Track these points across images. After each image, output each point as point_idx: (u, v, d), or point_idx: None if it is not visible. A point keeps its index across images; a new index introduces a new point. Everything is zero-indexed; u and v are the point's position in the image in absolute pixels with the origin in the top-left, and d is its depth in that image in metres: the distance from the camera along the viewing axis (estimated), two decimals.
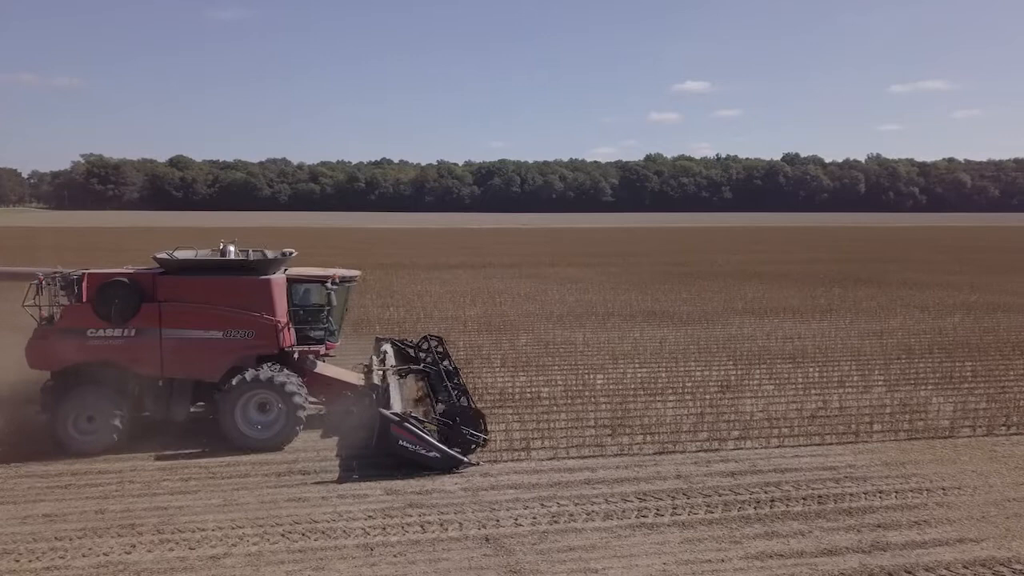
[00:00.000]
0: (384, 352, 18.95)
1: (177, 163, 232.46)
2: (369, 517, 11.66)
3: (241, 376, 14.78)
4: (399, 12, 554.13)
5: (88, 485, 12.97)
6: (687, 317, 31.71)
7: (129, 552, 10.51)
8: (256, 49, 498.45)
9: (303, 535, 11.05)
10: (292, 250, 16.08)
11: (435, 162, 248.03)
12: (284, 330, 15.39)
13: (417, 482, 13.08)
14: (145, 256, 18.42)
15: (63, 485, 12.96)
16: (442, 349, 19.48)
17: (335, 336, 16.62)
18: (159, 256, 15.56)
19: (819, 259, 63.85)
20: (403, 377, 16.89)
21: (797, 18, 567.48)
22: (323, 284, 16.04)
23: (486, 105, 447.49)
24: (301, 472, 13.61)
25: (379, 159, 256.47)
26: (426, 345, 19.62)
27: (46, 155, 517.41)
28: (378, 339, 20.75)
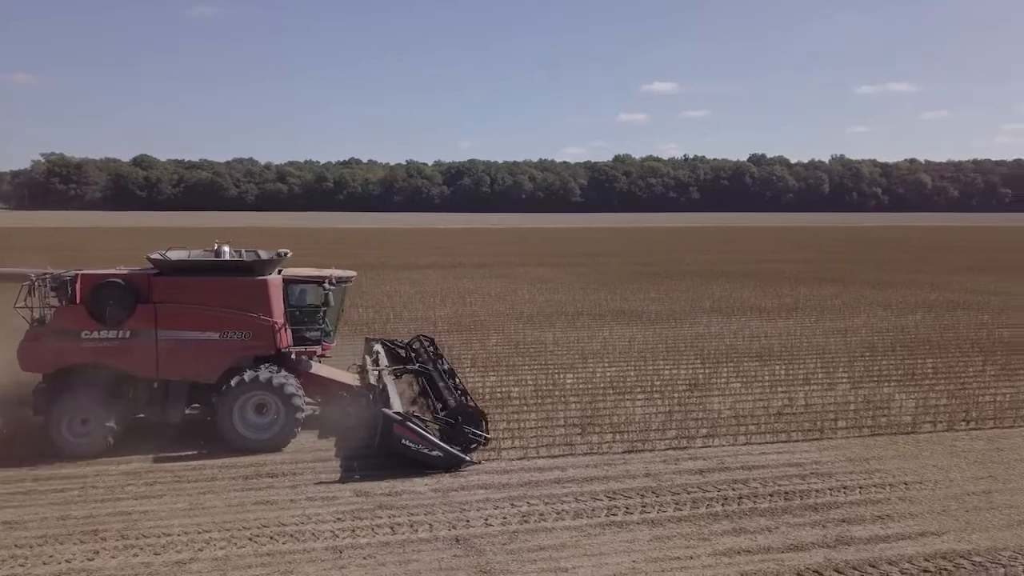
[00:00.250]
0: (376, 352, 18.96)
1: (141, 162, 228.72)
2: (338, 519, 11.58)
3: (239, 377, 14.67)
4: (371, 13, 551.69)
5: (51, 491, 12.70)
6: (655, 316, 31.96)
7: (92, 559, 10.32)
8: (223, 48, 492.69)
9: (271, 538, 10.94)
10: (287, 250, 16.04)
11: (404, 162, 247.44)
12: (281, 331, 15.32)
13: (387, 483, 13.02)
14: (110, 257, 18.12)
15: (24, 491, 12.68)
16: (433, 349, 19.50)
17: (331, 337, 16.57)
18: (153, 257, 15.40)
19: (786, 259, 64.71)
20: (399, 377, 16.90)
21: (765, 20, 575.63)
22: (320, 284, 16.01)
23: (456, 105, 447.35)
24: (269, 475, 13.47)
25: (347, 159, 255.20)
26: (417, 345, 19.65)
27: (4, 154, 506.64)
28: (368, 339, 20.69)
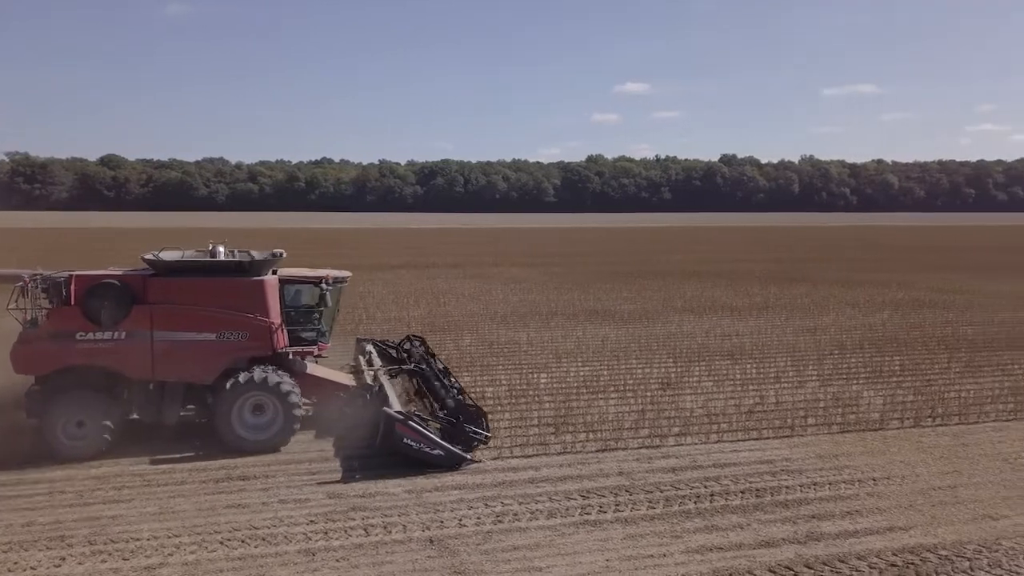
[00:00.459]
0: (369, 353, 18.98)
1: (108, 162, 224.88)
2: (311, 522, 11.50)
3: (237, 378, 14.61)
4: (338, 11, 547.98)
5: (16, 496, 12.46)
6: (628, 316, 32.13)
7: (59, 565, 10.14)
8: (193, 47, 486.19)
9: (242, 542, 10.83)
10: (282, 251, 16.05)
11: (377, 161, 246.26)
12: (277, 332, 15.28)
13: (360, 485, 12.96)
14: (79, 258, 17.83)
15: None
16: (425, 348, 19.54)
17: (326, 337, 16.57)
18: (148, 257, 15.28)
19: (757, 259, 65.40)
20: (394, 377, 16.91)
21: (734, 22, 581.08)
22: (317, 285, 16.03)
23: (429, 105, 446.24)
24: (241, 478, 13.34)
25: (320, 158, 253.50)
26: (408, 345, 19.70)
27: None
28: (360, 340, 20.72)
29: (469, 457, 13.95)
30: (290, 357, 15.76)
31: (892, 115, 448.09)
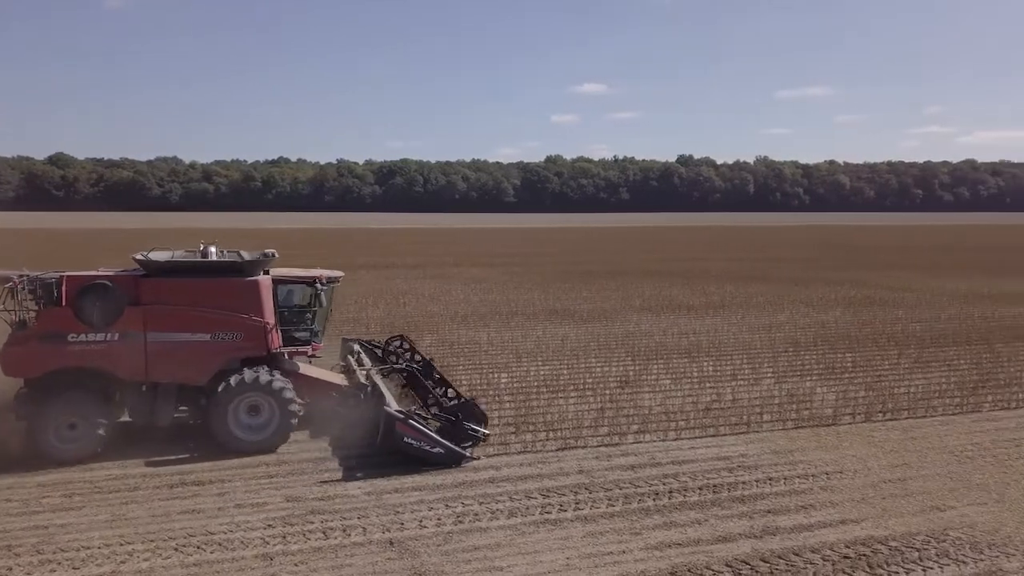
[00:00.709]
0: (357, 352, 19.07)
1: (57, 161, 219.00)
2: (268, 526, 11.35)
3: (233, 380, 14.48)
4: (295, 7, 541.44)
5: None
6: (588, 315, 32.34)
7: None
8: (144, 42, 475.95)
9: (198, 548, 10.64)
10: (273, 251, 15.95)
11: (335, 161, 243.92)
12: (272, 332, 15.18)
13: (319, 488, 12.84)
14: (30, 261, 17.36)
15: None
16: (409, 347, 19.44)
17: (319, 337, 16.53)
18: (140, 258, 15.07)
19: (713, 258, 66.31)
20: (386, 376, 16.90)
21: (689, 24, 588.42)
22: (312, 285, 16.05)
23: (388, 104, 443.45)
24: (195, 483, 13.10)
25: (276, 158, 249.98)
26: (392, 347, 19.57)
27: None
28: (346, 340, 20.77)
29: (468, 455, 14.09)
30: (286, 357, 15.74)
31: (843, 117, 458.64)
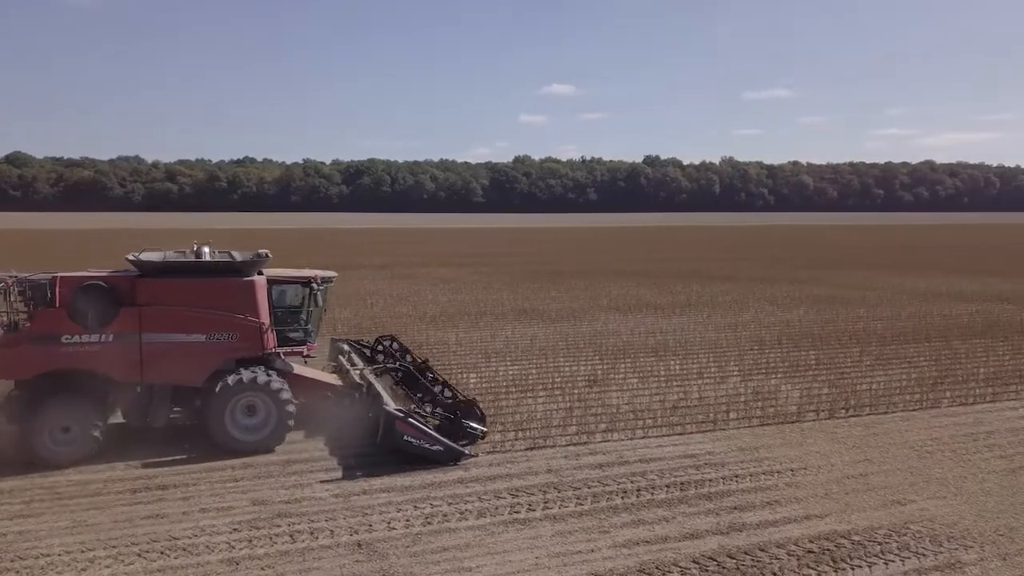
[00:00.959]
0: (348, 352, 19.09)
1: (15, 160, 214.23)
2: (234, 530, 11.20)
3: (231, 379, 14.41)
4: (260, 5, 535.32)
5: None
6: (556, 315, 32.43)
7: None
8: (105, 40, 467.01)
9: (162, 553, 10.46)
10: (267, 251, 15.85)
11: (301, 161, 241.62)
12: (268, 332, 15.11)
13: (286, 491, 12.71)
14: None
15: None
16: (398, 346, 19.42)
17: (312, 337, 16.50)
18: (136, 258, 14.93)
19: (679, 257, 66.90)
20: (379, 376, 16.87)
21: (657, 25, 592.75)
22: (308, 285, 16.12)
23: (355, 104, 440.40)
24: (159, 487, 12.89)
25: (242, 157, 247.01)
26: (381, 346, 19.56)
27: None
28: (334, 340, 20.68)
29: (467, 452, 14.18)
30: (281, 357, 15.71)
31: (808, 118, 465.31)
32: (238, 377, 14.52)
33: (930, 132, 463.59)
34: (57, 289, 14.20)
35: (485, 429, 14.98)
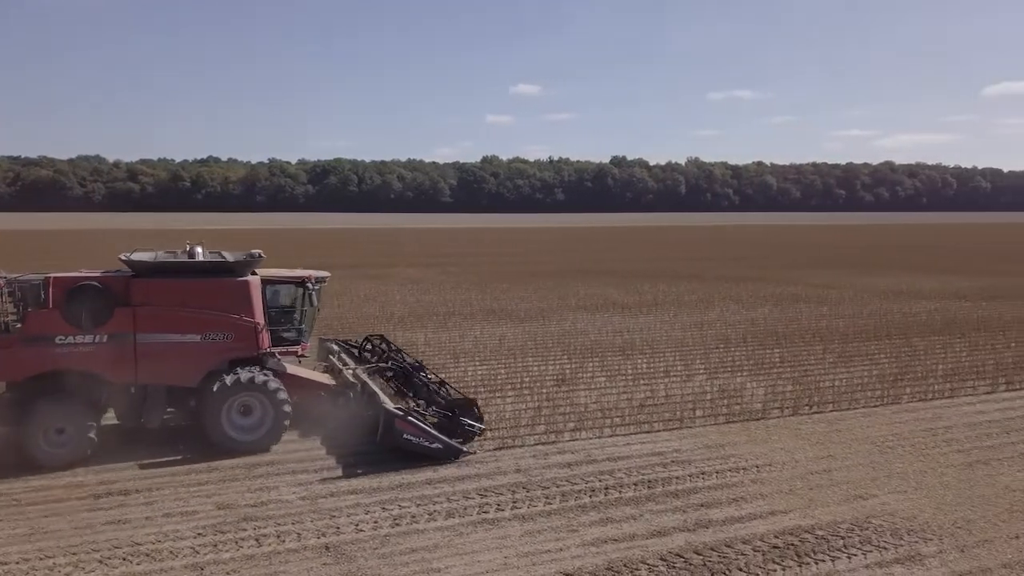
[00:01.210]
0: (338, 352, 19.11)
1: None
2: (199, 535, 11.05)
3: (227, 379, 14.32)
4: (227, 6, 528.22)
5: None
6: (524, 314, 32.48)
7: None
8: (65, 35, 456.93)
9: (124, 560, 10.27)
10: (260, 251, 15.77)
11: (266, 160, 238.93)
12: (262, 332, 15.04)
13: (252, 495, 12.56)
14: None
15: None
16: (387, 345, 19.33)
17: (305, 337, 16.53)
18: (130, 258, 14.77)
19: (646, 257, 67.39)
20: (371, 375, 16.77)
21: (622, 25, 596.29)
22: (302, 285, 16.24)
23: (321, 102, 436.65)
24: (121, 492, 12.65)
25: (206, 157, 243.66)
26: (370, 345, 19.47)
27: None
28: (323, 340, 20.63)
29: (465, 449, 14.31)
30: (276, 357, 15.59)
31: (771, 119, 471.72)
32: (235, 377, 14.47)
33: (889, 133, 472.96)
34: (50, 290, 14.04)
35: (483, 426, 15.12)
